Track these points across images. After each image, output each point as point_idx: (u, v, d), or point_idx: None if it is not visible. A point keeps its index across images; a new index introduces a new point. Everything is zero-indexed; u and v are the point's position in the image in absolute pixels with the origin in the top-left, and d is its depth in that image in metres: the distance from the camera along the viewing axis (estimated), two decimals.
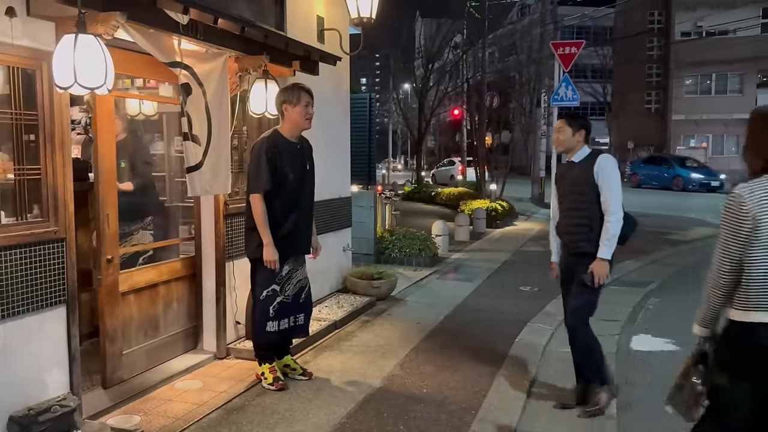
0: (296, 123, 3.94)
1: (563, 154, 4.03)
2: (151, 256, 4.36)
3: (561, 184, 3.94)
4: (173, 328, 4.31)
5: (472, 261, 8.69)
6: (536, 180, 18.72)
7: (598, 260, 3.69)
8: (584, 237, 3.73)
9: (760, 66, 34.62)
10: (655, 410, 3.81)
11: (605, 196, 3.66)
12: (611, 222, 3.65)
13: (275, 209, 3.84)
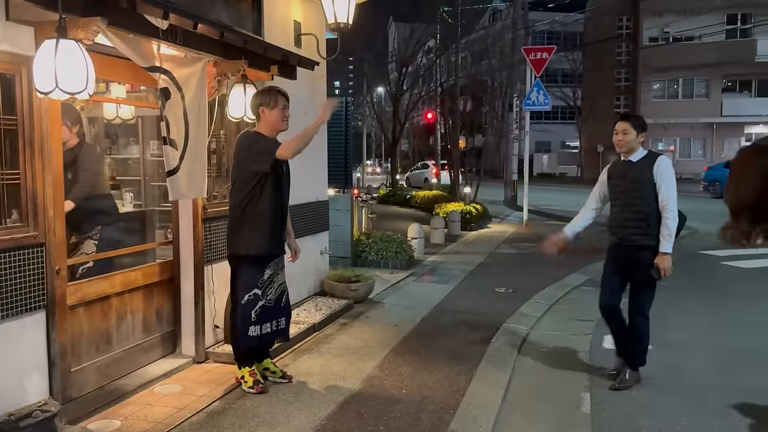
0: (273, 125, 3.97)
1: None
2: (91, 267, 4.12)
3: (618, 182, 4.20)
4: (150, 333, 4.30)
5: (448, 263, 8.79)
6: (509, 183, 18.95)
7: (661, 255, 4.00)
8: (641, 231, 4.05)
9: (724, 71, 35.50)
10: (626, 408, 3.93)
11: (663, 195, 3.99)
12: (670, 219, 3.97)
13: (259, 213, 3.86)
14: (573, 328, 5.70)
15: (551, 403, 4.01)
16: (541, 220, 14.65)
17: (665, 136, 37.89)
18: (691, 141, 38.01)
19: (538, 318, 5.98)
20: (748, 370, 4.53)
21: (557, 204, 19.01)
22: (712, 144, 37.20)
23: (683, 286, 7.48)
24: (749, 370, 4.52)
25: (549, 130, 44.82)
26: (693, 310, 6.35)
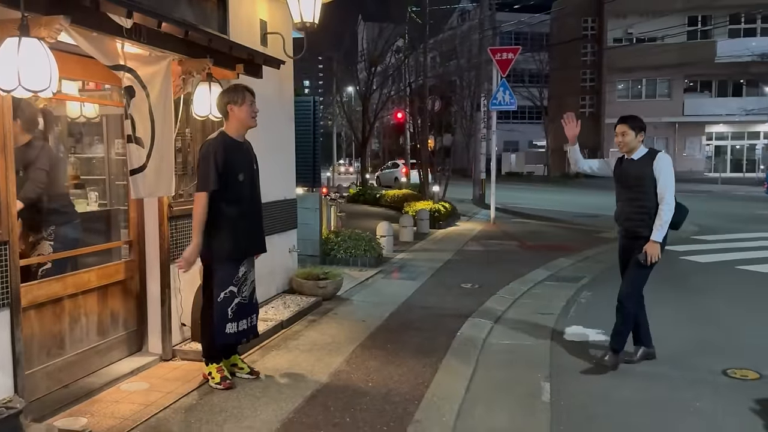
0: (243, 122, 4.01)
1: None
2: (50, 268, 4.00)
3: (623, 178, 4.52)
4: (116, 331, 4.30)
5: (416, 261, 8.90)
6: (477, 182, 19.18)
7: (651, 242, 4.34)
8: (644, 223, 4.38)
9: (686, 72, 36.42)
10: (584, 396, 4.08)
11: (661, 188, 4.33)
12: (664, 210, 4.31)
13: (231, 210, 3.91)
14: (535, 321, 5.85)
15: (513, 392, 4.13)
16: (509, 217, 14.89)
17: None
18: (654, 140, 38.77)
19: (502, 312, 6.12)
20: (704, 359, 4.71)
21: (525, 202, 19.33)
22: (674, 143, 38.11)
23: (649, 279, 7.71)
24: (705, 360, 4.70)
25: (517, 130, 45.38)
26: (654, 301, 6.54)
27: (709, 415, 3.73)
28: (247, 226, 4.04)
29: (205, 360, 4.08)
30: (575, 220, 14.53)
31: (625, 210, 4.52)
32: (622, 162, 4.57)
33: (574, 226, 13.30)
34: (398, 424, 3.51)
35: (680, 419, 3.69)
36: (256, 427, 3.44)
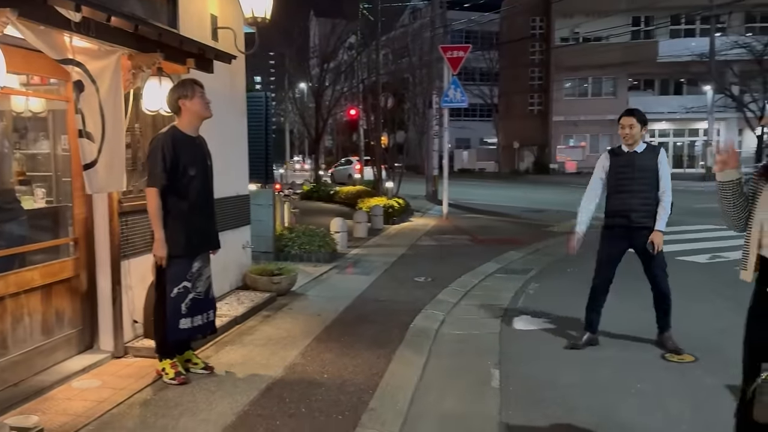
0: (197, 114, 4.01)
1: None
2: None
3: (627, 170, 4.66)
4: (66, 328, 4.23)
5: (370, 256, 8.99)
6: (430, 178, 19.40)
7: (657, 232, 4.59)
8: (648, 214, 4.60)
9: (630, 70, 37.61)
10: (532, 382, 4.24)
11: (665, 183, 4.62)
12: (669, 202, 4.61)
13: (182, 205, 3.91)
14: (485, 312, 6.02)
15: (464, 379, 4.27)
16: (461, 213, 15.14)
17: (576, 132, 39.77)
18: (599, 137, 40.00)
19: (454, 304, 6.27)
20: (645, 344, 4.94)
21: (476, 198, 19.67)
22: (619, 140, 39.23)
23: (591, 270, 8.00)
24: (646, 344, 4.93)
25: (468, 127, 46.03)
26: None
27: (650, 395, 3.94)
28: (199, 222, 4.04)
29: (159, 356, 4.07)
30: (524, 215, 14.89)
31: (630, 202, 4.62)
32: (620, 155, 4.71)
33: (522, 221, 13.63)
34: (353, 413, 3.59)
35: (623, 400, 3.88)
36: (211, 420, 3.46)
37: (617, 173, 4.71)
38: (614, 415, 3.65)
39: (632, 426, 3.51)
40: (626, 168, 4.67)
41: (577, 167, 37.49)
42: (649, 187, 4.61)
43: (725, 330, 5.11)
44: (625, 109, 4.84)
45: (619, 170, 4.70)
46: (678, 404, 3.80)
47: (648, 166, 4.62)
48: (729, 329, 5.22)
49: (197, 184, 4.02)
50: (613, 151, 4.80)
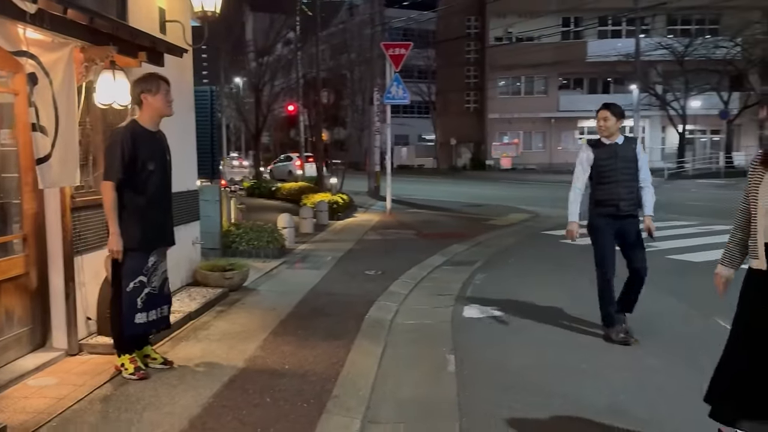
0: (158, 110, 3.99)
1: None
2: None
3: (611, 162, 4.82)
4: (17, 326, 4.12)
5: (319, 251, 9.05)
6: (372, 174, 19.54)
7: (648, 218, 4.85)
8: (633, 203, 4.82)
9: (560, 70, 38.91)
10: (485, 366, 4.44)
11: (645, 171, 4.88)
12: (652, 190, 4.89)
13: (140, 200, 3.88)
14: (436, 302, 6.21)
15: (421, 366, 4.43)
16: (404, 208, 15.36)
17: (510, 129, 40.84)
18: (532, 134, 41.26)
19: (405, 295, 6.43)
20: (588, 328, 5.24)
21: (417, 194, 19.96)
22: (550, 137, 40.66)
23: (532, 260, 8.35)
24: (589, 329, 5.22)
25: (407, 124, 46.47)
26: (544, 281, 7.14)
27: (594, 374, 4.21)
28: (156, 217, 4.03)
29: (117, 351, 4.03)
30: (464, 209, 15.25)
31: (618, 191, 4.77)
32: (602, 147, 4.85)
33: (463, 215, 13.98)
34: (317, 401, 3.68)
35: (570, 378, 4.13)
36: (176, 413, 3.47)
37: (601, 165, 4.84)
38: (563, 392, 3.88)
39: (579, 400, 3.75)
40: (610, 159, 4.81)
41: (511, 163, 38.57)
42: (632, 176, 4.81)
43: (662, 314, 5.48)
44: (602, 103, 4.99)
45: (604, 162, 4.83)
46: (621, 381, 4.07)
47: (629, 156, 4.81)
48: (665, 313, 5.62)
49: (156, 178, 4.00)
50: (594, 144, 4.94)
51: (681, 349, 4.68)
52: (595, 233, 4.94)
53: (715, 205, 15.72)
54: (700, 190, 21.75)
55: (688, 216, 12.99)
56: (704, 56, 31.72)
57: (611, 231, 4.88)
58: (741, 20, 31.44)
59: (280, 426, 3.35)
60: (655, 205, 4.92)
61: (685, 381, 4.04)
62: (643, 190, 4.86)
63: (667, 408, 3.65)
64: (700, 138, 38.22)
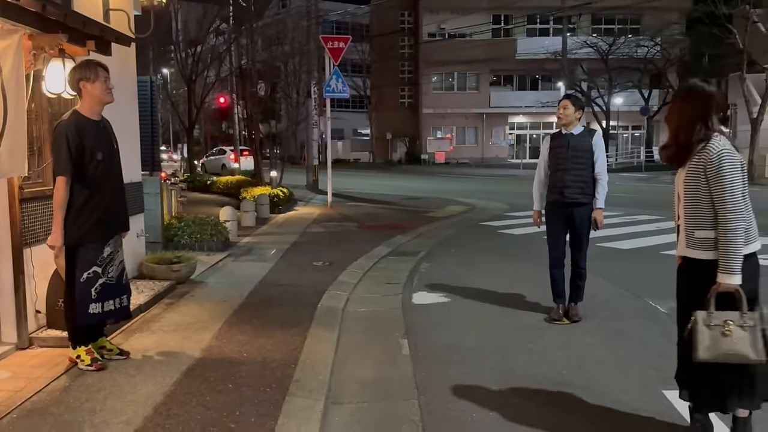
0: (98, 98, 3.92)
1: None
2: None
3: (560, 150, 5.04)
4: None
5: (263, 243, 9.05)
6: (310, 168, 19.53)
7: (598, 210, 5.02)
8: (581, 191, 4.98)
9: (491, 66, 39.91)
10: (438, 347, 4.65)
11: (600, 164, 5.01)
12: (605, 181, 5.04)
13: (90, 191, 3.83)
14: (385, 291, 6.39)
15: (377, 350, 4.59)
16: (344, 202, 15.47)
17: (443, 124, 41.58)
18: (465, 129, 42.15)
19: (354, 285, 6.57)
20: (530, 311, 5.54)
21: (355, 187, 20.10)
22: (482, 132, 41.66)
23: (473, 250, 8.66)
24: (531, 311, 5.53)
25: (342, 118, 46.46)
26: (483, 267, 7.44)
27: (539, 352, 4.49)
28: (108, 206, 3.99)
29: (72, 343, 3.98)
30: (403, 202, 15.52)
31: (564, 178, 4.97)
32: (559, 137, 5.08)
33: (403, 208, 14.23)
34: (279, 385, 3.77)
35: (517, 357, 4.40)
36: (140, 401, 3.49)
37: (554, 154, 5.09)
38: (512, 369, 4.14)
39: (527, 375, 4.02)
40: (561, 148, 5.04)
41: (445, 158, 39.32)
42: (582, 166, 4.96)
43: (597, 296, 5.84)
44: (564, 93, 5.30)
45: (556, 150, 5.08)
46: (563, 358, 4.36)
47: (582, 146, 4.98)
48: (600, 295, 6.01)
49: (105, 168, 3.95)
50: (553, 135, 5.20)
51: (617, 327, 5.04)
52: (546, 218, 5.27)
53: (638, 196, 16.64)
54: (624, 183, 22.87)
55: (614, 207, 13.69)
56: (627, 55, 33.36)
57: (559, 217, 5.12)
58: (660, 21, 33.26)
59: (246, 409, 3.43)
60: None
61: (621, 355, 4.39)
62: (597, 182, 5.02)
63: (605, 380, 3.96)
64: (622, 133, 40.10)
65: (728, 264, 2.77)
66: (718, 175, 2.80)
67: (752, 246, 2.86)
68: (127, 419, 3.27)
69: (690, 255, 2.96)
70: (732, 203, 2.77)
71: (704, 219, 2.87)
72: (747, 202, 2.85)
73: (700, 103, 2.91)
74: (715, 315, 2.79)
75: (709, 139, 2.87)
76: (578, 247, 5.18)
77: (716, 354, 2.78)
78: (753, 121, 22.07)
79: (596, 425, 3.33)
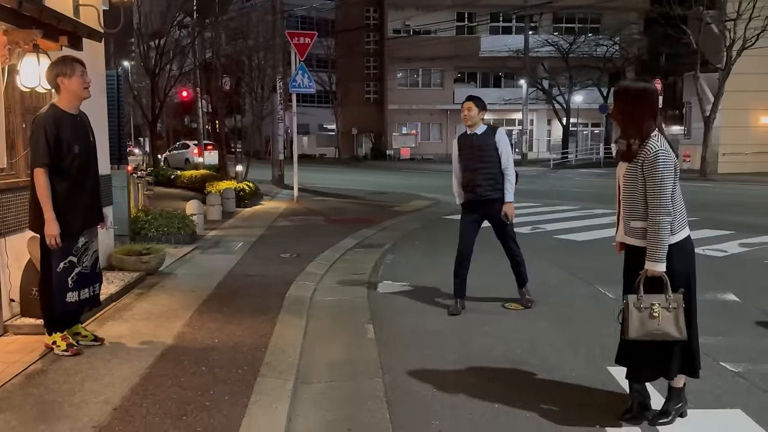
0: (75, 93, 4.04)
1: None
2: None
3: (467, 150, 5.29)
4: None
5: (230, 236, 9.18)
6: (276, 163, 19.59)
7: (508, 203, 5.27)
8: (491, 188, 5.24)
9: (456, 64, 40.38)
10: (401, 331, 4.91)
11: (505, 159, 5.25)
12: (512, 175, 5.28)
13: (66, 183, 3.96)
14: (351, 281, 6.62)
15: (343, 334, 4.83)
16: (310, 196, 15.63)
17: (409, 120, 41.93)
18: (429, 125, 42.57)
19: (321, 275, 6.79)
20: (486, 298, 5.84)
21: (321, 182, 20.24)
22: (447, 128, 42.13)
23: (436, 242, 8.95)
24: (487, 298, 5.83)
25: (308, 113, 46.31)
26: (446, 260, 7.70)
27: (495, 336, 4.79)
28: (84, 199, 4.12)
29: (47, 330, 4.11)
30: (369, 197, 15.77)
31: (474, 177, 5.23)
32: (466, 137, 5.33)
33: (369, 202, 14.48)
34: (251, 367, 3.97)
35: (475, 339, 4.69)
36: (116, 383, 3.65)
37: (463, 154, 5.38)
38: (471, 350, 4.43)
39: (485, 355, 4.32)
40: (468, 148, 5.30)
41: (410, 154, 39.69)
42: (490, 163, 5.21)
43: (550, 283, 6.18)
44: (467, 96, 5.49)
45: (464, 151, 5.36)
46: (517, 340, 4.67)
47: (487, 144, 5.22)
48: (554, 283, 6.35)
49: (81, 160, 4.08)
50: (460, 136, 5.47)
51: (568, 311, 5.38)
52: (462, 212, 5.55)
53: (595, 191, 17.23)
54: (582, 178, 23.57)
55: (572, 201, 14.21)
56: (587, 54, 34.20)
57: (473, 214, 5.40)
58: (619, 21, 34.18)
59: (219, 389, 3.63)
60: (534, 192, 5.54)
61: (570, 337, 4.72)
62: (504, 176, 5.25)
63: (555, 358, 4.28)
64: (582, 130, 41.06)
65: (654, 253, 3.03)
66: (652, 172, 3.04)
67: (681, 233, 3.16)
68: (106, 399, 3.44)
69: (627, 242, 3.26)
70: (661, 199, 3.02)
71: (639, 210, 3.12)
72: (677, 198, 3.11)
73: (653, 101, 3.15)
74: (644, 298, 3.08)
75: (651, 137, 3.10)
76: (506, 239, 5.50)
77: (644, 333, 3.07)
78: (706, 119, 22.94)
79: (548, 397, 3.63)
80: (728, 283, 6.28)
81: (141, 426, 3.15)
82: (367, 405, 3.56)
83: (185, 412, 3.32)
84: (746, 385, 3.79)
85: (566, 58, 34.44)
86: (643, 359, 3.22)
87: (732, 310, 5.45)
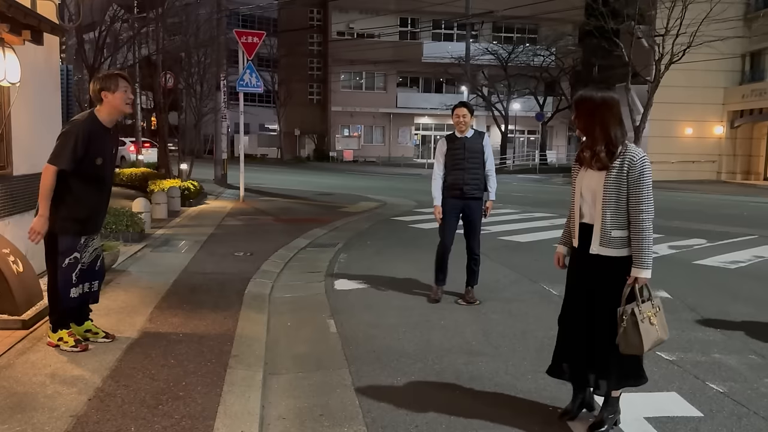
0: (117, 108, 4.08)
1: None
2: None
3: (458, 152, 5.66)
4: None
5: (180, 235, 9.13)
6: (219, 162, 19.38)
7: (491, 201, 5.84)
8: (477, 187, 5.70)
9: (399, 68, 40.84)
10: (362, 325, 5.12)
11: (490, 162, 5.75)
12: (494, 177, 5.78)
13: (85, 189, 4.01)
14: (308, 278, 6.78)
15: (306, 329, 4.99)
16: (256, 196, 15.59)
17: (352, 123, 42.12)
18: (372, 128, 42.88)
19: (278, 273, 6.90)
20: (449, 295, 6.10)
21: (265, 182, 20.19)
22: (390, 131, 42.58)
23: (387, 242, 9.19)
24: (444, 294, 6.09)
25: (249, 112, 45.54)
26: (396, 257, 7.98)
27: (451, 328, 5.06)
28: (97, 206, 4.20)
29: (53, 327, 4.15)
30: (316, 198, 15.87)
31: (464, 177, 5.63)
32: (456, 140, 5.67)
33: (317, 203, 14.59)
34: (219, 360, 4.08)
35: (432, 331, 4.95)
36: (87, 376, 3.70)
37: (453, 155, 5.70)
38: (429, 340, 4.69)
39: (441, 346, 4.58)
40: (459, 150, 5.66)
41: (353, 156, 39.89)
42: (477, 165, 5.65)
43: (499, 280, 6.52)
44: (458, 101, 5.94)
45: (454, 152, 5.68)
46: (471, 332, 4.96)
47: (476, 148, 5.66)
48: (502, 280, 6.69)
49: (101, 172, 4.12)
50: (449, 137, 5.78)
51: (516, 306, 5.72)
52: (444, 210, 5.81)
53: (533, 196, 17.93)
54: (520, 183, 24.40)
55: (513, 205, 14.76)
56: (524, 63, 35.31)
57: (456, 210, 5.77)
58: (556, 32, 35.47)
59: (191, 380, 3.73)
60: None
61: (521, 329, 5.04)
62: (488, 178, 5.77)
63: (507, 348, 4.58)
64: (519, 137, 42.33)
65: (645, 260, 3.01)
66: (640, 179, 3.02)
67: None
68: (79, 390, 3.49)
69: (604, 253, 3.12)
70: (647, 205, 3.02)
71: (622, 219, 3.07)
72: None
73: (617, 108, 3.11)
74: (643, 309, 3.03)
75: (624, 144, 3.09)
76: (473, 236, 5.86)
77: (652, 343, 3.04)
78: (636, 128, 24.14)
79: (502, 383, 3.91)
80: (661, 282, 6.78)
81: (118, 414, 3.23)
82: (336, 393, 3.75)
83: (160, 401, 3.41)
84: (679, 371, 4.20)
85: (505, 67, 35.46)
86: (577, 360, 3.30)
87: (665, 307, 5.89)
